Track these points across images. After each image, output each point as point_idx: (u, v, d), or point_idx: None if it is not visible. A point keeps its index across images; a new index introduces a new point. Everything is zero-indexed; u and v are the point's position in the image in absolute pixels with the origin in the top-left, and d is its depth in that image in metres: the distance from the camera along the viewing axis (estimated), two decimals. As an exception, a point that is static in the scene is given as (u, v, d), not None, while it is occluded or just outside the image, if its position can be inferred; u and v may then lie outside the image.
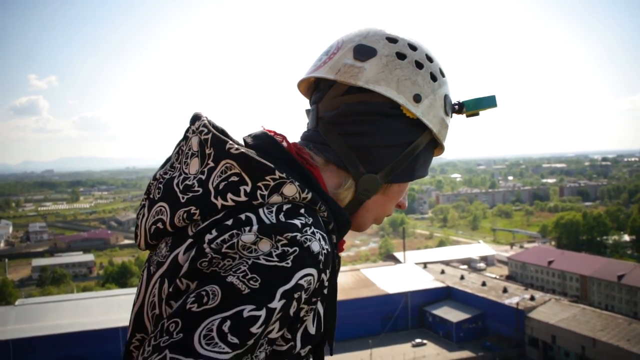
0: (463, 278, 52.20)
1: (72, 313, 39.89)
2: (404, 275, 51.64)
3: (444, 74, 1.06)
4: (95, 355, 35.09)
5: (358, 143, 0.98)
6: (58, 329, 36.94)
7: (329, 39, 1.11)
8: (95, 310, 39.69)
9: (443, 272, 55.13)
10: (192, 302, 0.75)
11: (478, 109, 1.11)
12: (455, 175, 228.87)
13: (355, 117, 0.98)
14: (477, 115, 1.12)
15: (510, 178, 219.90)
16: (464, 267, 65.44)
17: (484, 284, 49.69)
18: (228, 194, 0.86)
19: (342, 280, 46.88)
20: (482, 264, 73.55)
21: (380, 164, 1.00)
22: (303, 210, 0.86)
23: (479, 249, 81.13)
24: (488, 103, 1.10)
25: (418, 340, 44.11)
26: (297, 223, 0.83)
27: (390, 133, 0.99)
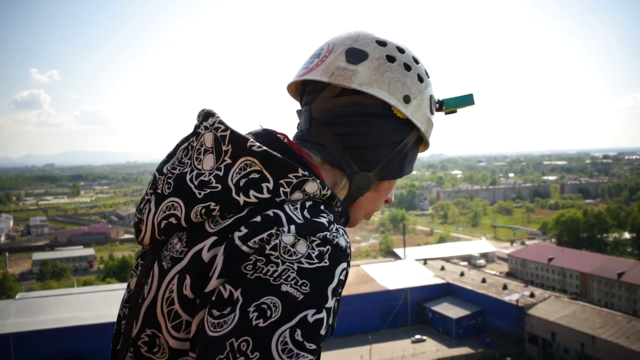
0: (463, 275, 52.19)
1: (72, 307, 39.85)
2: (404, 272, 51.63)
3: (429, 75, 1.11)
4: (96, 350, 35.08)
5: (352, 143, 1.02)
6: (58, 323, 36.92)
7: (326, 39, 1.13)
8: (96, 305, 39.67)
9: (443, 268, 55.13)
10: (256, 317, 0.76)
11: (456, 107, 1.16)
12: (456, 172, 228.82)
13: (350, 118, 1.02)
14: (455, 113, 1.17)
15: (511, 175, 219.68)
16: (464, 263, 65.46)
17: (484, 281, 49.67)
18: (250, 191, 0.87)
19: (342, 276, 46.78)
20: (482, 261, 73.58)
21: (373, 163, 1.03)
22: (323, 207, 0.90)
23: (479, 246, 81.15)
24: (466, 101, 1.15)
25: (418, 337, 44.11)
26: (324, 222, 0.86)
27: (382, 133, 1.03)
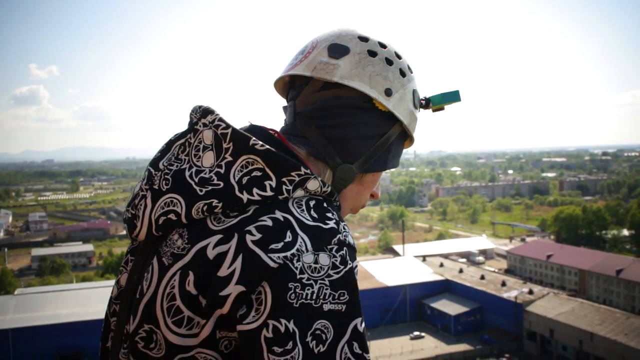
0: (462, 271, 52.25)
1: (71, 303, 39.84)
2: (403, 268, 51.68)
3: (412, 71, 1.13)
4: (94, 345, 34.28)
5: (334, 135, 1.04)
6: (57, 319, 36.94)
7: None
8: (95, 300, 39.63)
9: (442, 265, 55.19)
10: (315, 345, 0.79)
11: (443, 104, 1.16)
12: (455, 169, 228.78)
13: (331, 110, 1.04)
14: (442, 110, 1.18)
15: (510, 172, 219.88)
16: (463, 260, 65.45)
17: (483, 278, 49.74)
18: (254, 189, 0.88)
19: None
20: (481, 258, 73.58)
21: (356, 155, 1.05)
22: (326, 205, 0.92)
23: (478, 243, 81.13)
24: (452, 98, 1.16)
25: (416, 333, 44.20)
26: (333, 225, 0.88)
27: (364, 125, 1.05)
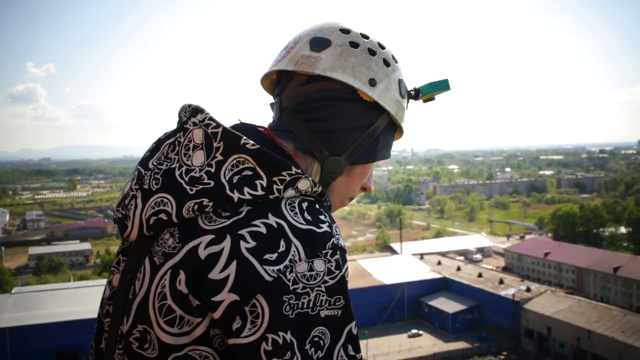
0: (459, 269, 52.26)
1: (69, 302, 39.74)
2: (401, 266, 51.68)
3: (397, 60, 1.11)
4: None
5: (321, 128, 1.03)
6: (55, 318, 36.85)
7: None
8: (92, 299, 39.51)
9: (439, 263, 55.16)
10: (314, 351, 0.81)
11: (433, 93, 1.15)
12: (453, 167, 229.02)
13: (316, 103, 1.03)
14: (433, 100, 1.16)
15: (508, 170, 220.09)
16: (461, 258, 65.49)
17: (480, 275, 49.75)
18: (245, 188, 0.88)
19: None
20: (478, 256, 73.61)
21: (343, 147, 1.04)
22: (318, 206, 0.92)
23: (476, 241, 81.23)
24: (441, 86, 1.14)
25: (414, 331, 44.20)
26: (326, 227, 0.88)
27: (350, 116, 1.04)
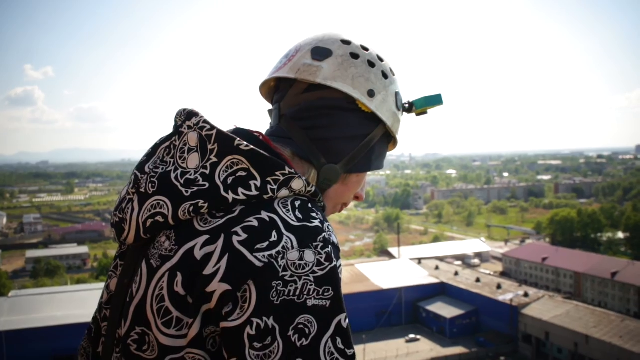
0: (457, 274, 52.21)
1: (66, 305, 39.65)
2: (399, 271, 51.63)
3: (394, 73, 1.14)
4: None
5: (319, 136, 1.05)
6: (52, 321, 36.73)
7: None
8: (90, 303, 39.42)
9: (437, 268, 55.12)
10: (298, 338, 0.80)
11: (426, 107, 1.18)
12: (451, 171, 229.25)
13: (315, 111, 1.06)
14: (425, 114, 1.20)
15: (506, 174, 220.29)
16: (459, 263, 65.50)
17: (478, 280, 49.72)
18: (239, 189, 0.90)
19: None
20: (476, 260, 73.69)
21: (340, 155, 1.07)
22: (310, 205, 0.93)
23: (474, 245, 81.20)
24: (435, 101, 1.18)
25: (412, 336, 44.14)
26: (318, 224, 0.89)
27: (348, 126, 1.06)
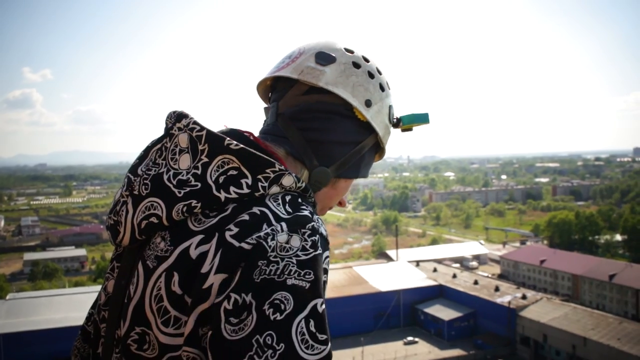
0: (455, 276, 52.22)
1: (63, 308, 39.55)
2: (397, 273, 51.62)
3: (390, 87, 1.19)
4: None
5: (314, 137, 1.08)
6: (49, 324, 36.64)
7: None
8: (87, 306, 37.41)
9: (435, 270, 55.08)
10: (272, 312, 0.80)
11: (412, 124, 1.22)
12: (449, 174, 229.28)
13: (314, 114, 1.08)
14: (411, 130, 1.23)
15: (504, 177, 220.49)
16: (457, 265, 65.52)
17: (476, 283, 49.76)
18: (231, 187, 0.91)
19: (334, 278, 46.85)
20: (474, 263, 73.61)
21: (332, 159, 1.10)
22: (300, 200, 0.95)
23: (472, 248, 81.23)
24: (421, 119, 1.21)
25: (410, 338, 44.11)
26: (307, 214, 0.91)
27: (343, 131, 1.10)
